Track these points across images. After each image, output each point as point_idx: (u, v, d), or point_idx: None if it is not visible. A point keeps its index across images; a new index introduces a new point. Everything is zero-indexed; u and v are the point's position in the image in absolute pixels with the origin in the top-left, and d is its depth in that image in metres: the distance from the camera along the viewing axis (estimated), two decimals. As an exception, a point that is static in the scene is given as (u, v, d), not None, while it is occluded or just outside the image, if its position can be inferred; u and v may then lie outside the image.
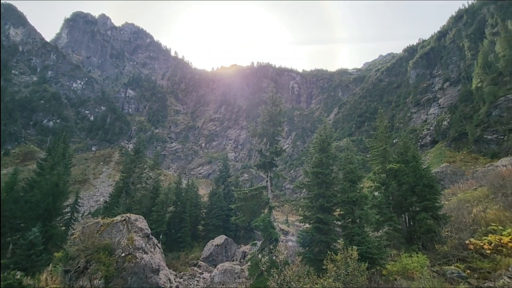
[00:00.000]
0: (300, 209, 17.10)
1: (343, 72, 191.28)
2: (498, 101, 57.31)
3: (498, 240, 8.72)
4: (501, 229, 9.53)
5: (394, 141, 55.62)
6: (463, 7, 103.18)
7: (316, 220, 13.30)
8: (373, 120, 77.33)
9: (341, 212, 13.54)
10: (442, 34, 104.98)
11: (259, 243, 18.20)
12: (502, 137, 53.04)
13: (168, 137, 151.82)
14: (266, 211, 17.68)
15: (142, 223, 17.14)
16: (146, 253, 15.28)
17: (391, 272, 10.17)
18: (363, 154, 75.50)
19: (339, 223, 13.56)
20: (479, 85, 65.68)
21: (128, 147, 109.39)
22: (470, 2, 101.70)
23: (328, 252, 9.57)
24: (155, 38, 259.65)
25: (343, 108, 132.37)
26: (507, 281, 7.85)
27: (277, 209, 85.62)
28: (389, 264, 10.86)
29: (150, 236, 17.30)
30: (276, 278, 9.60)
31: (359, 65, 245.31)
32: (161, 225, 30.20)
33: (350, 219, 13.10)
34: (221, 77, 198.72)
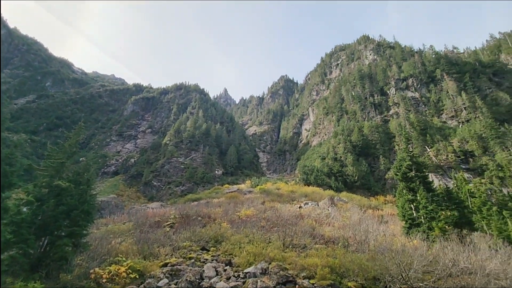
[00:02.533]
0: None
1: (65, 63, 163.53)
2: (172, 159, 74.88)
3: (116, 270, 10.15)
4: (124, 260, 11.29)
5: (81, 159, 52.70)
6: (185, 83, 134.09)
7: None
8: (71, 129, 69.79)
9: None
10: (165, 92, 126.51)
11: None
12: (162, 186, 67.87)
13: None
14: None
15: None
16: None
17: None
18: (37, 160, 62.82)
19: None
20: (167, 142, 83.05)
21: None
22: (187, 82, 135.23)
23: None
24: None
25: (44, 99, 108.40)
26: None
27: None
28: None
29: None
30: None
31: (88, 70, 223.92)
32: None
33: (-39, 236, 9.50)
34: None
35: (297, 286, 8.65)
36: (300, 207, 30.63)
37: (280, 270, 9.68)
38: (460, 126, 64.66)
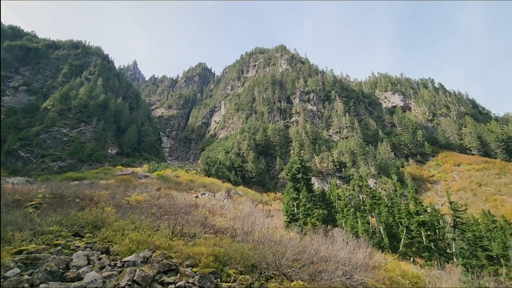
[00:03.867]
0: None
1: None
2: (53, 128, 62.32)
3: None
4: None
5: None
6: (84, 42, 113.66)
7: None
8: None
9: None
10: (54, 46, 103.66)
11: None
12: (33, 158, 55.60)
13: None
14: None
15: None
16: None
17: None
18: None
19: None
20: (49, 106, 68.49)
21: None
22: (86, 42, 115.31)
23: None
24: None
25: None
26: None
27: None
28: None
29: None
30: None
31: None
32: None
33: None
34: None
35: (178, 274, 8.63)
36: (196, 196, 30.63)
37: (164, 258, 9.44)
38: (341, 141, 78.04)
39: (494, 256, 23.86)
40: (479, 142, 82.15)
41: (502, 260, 23.63)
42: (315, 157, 67.96)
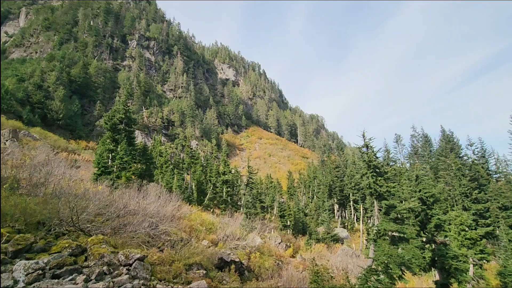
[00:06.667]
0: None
1: None
2: None
3: None
4: None
5: None
6: None
7: None
8: None
9: None
10: None
11: None
12: None
13: None
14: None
15: None
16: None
17: None
18: None
19: None
20: None
21: None
22: None
23: None
24: None
25: None
26: None
27: None
28: None
29: None
30: None
31: None
32: None
33: None
34: None
35: None
36: (-47, 133, 21.23)
37: None
38: (174, 99, 77.73)
39: (266, 206, 33.09)
40: (276, 124, 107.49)
41: (269, 209, 33.18)
42: (144, 110, 64.05)
